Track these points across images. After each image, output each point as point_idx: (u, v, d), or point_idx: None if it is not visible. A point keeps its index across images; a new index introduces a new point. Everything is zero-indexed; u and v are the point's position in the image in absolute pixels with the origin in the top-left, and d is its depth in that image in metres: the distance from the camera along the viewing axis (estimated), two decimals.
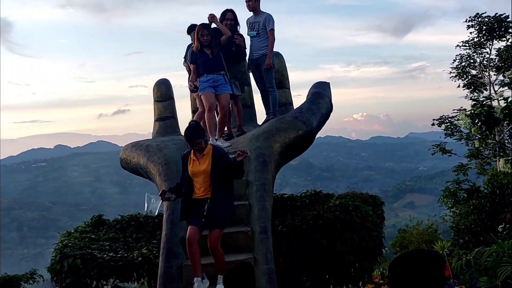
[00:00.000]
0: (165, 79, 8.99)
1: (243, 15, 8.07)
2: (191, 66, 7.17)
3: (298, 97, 9.40)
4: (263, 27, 7.74)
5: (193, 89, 7.17)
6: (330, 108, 7.75)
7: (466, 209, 12.70)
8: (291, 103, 8.93)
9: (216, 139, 6.99)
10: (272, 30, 7.70)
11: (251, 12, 7.90)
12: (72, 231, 7.66)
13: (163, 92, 8.74)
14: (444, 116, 18.52)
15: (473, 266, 5.99)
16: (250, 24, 7.89)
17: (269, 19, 7.75)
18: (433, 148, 18.58)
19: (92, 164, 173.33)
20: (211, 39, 6.99)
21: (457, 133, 17.91)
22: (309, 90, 8.02)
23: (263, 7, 7.92)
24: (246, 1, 7.84)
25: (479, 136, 11.87)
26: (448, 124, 18.19)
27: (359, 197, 8.82)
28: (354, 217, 6.97)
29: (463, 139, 17.96)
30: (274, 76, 7.96)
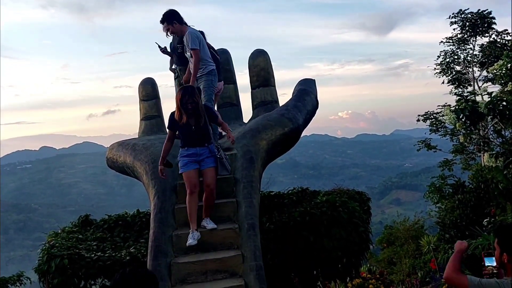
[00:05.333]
0: (150, 78, 8.97)
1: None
2: (167, 131, 6.04)
3: (283, 96, 9.42)
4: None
5: (162, 176, 5.97)
6: (316, 105, 7.80)
7: (451, 204, 12.86)
8: (276, 101, 8.96)
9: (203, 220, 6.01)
10: (194, 49, 6.68)
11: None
12: (59, 231, 7.61)
13: (149, 91, 8.72)
14: (429, 112, 18.72)
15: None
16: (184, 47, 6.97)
17: (189, 37, 6.73)
18: (418, 144, 18.78)
19: (78, 165, 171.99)
20: (197, 106, 5.74)
21: (442, 129, 18.12)
22: (295, 87, 8.05)
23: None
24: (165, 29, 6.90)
25: (464, 131, 12.01)
26: (433, 120, 18.40)
27: (346, 193, 8.87)
28: (341, 213, 7.04)
29: (447, 135, 18.18)
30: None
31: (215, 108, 8.12)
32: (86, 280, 6.49)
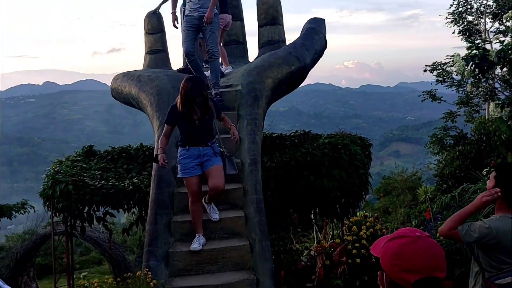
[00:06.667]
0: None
1: None
2: (165, 126, 5.23)
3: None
4: None
5: (164, 165, 5.11)
6: (324, 45, 7.69)
7: (451, 155, 12.95)
8: (284, 41, 8.82)
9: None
10: None
11: None
12: (64, 159, 7.70)
13: (154, 24, 8.57)
14: (436, 63, 18.44)
15: (457, 202, 6.16)
16: None
17: None
18: (423, 95, 18.62)
19: (81, 102, 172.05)
20: (205, 99, 5.09)
21: (449, 80, 17.90)
22: (304, 26, 7.91)
23: None
24: None
25: (472, 80, 11.88)
26: (440, 71, 18.15)
27: (348, 137, 8.90)
28: (343, 155, 7.06)
29: (454, 86, 17.99)
30: (218, 39, 6.95)
31: (221, 44, 8.02)
32: (90, 206, 6.65)
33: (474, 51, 8.52)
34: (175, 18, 7.01)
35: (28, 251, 10.12)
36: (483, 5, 19.07)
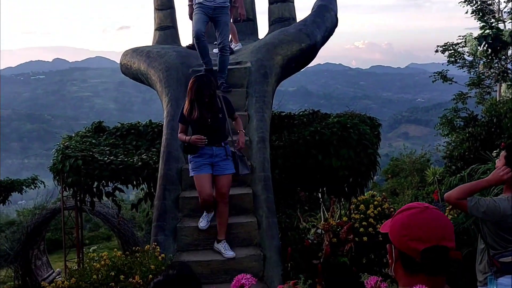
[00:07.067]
0: None
1: None
2: (179, 125, 5.17)
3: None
4: None
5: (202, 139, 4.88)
6: (335, 23, 7.60)
7: (461, 137, 12.86)
8: (294, 18, 8.72)
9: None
10: None
11: None
12: (73, 135, 7.75)
13: (164, 0, 8.49)
14: (448, 43, 18.17)
15: (466, 182, 6.12)
16: None
17: None
18: (434, 75, 18.41)
19: (91, 80, 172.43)
20: (214, 97, 4.96)
21: (460, 60, 17.66)
22: (315, 3, 7.80)
23: None
24: None
25: (484, 60, 11.72)
26: (452, 51, 17.90)
27: (358, 116, 8.85)
28: (352, 134, 7.04)
29: (465, 67, 17.76)
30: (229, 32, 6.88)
31: (231, 21, 7.94)
32: (99, 181, 6.70)
33: (487, 31, 8.39)
34: (192, 11, 6.70)
35: (39, 225, 10.26)
36: None
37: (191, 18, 6.80)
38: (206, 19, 6.50)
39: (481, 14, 18.66)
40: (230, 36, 7.44)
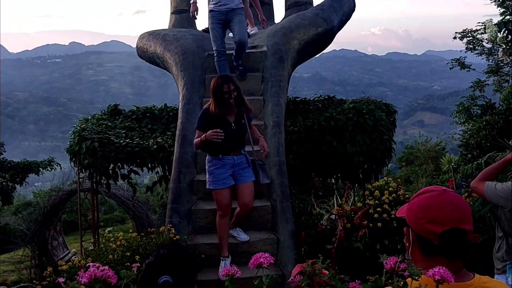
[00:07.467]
0: None
1: None
2: (196, 132, 4.72)
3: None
4: None
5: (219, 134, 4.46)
6: (353, 7, 7.51)
7: (478, 125, 12.71)
8: (311, 2, 8.63)
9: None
10: None
11: None
12: (89, 117, 7.81)
13: None
14: (467, 30, 17.84)
15: (483, 169, 6.07)
16: None
17: None
18: (451, 62, 18.12)
19: (106, 64, 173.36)
20: (240, 98, 4.65)
21: (479, 47, 17.34)
22: None
23: None
24: None
25: (504, 46, 11.50)
26: (471, 38, 17.58)
27: (373, 103, 8.79)
28: (367, 120, 6.99)
29: (484, 54, 17.45)
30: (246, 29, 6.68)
31: (247, 5, 7.89)
32: (115, 164, 6.77)
33: (508, 17, 8.23)
34: (195, 9, 6.52)
35: (55, 206, 10.41)
36: None
37: (194, 17, 6.63)
38: (222, 32, 6.29)
39: (500, 0, 18.27)
40: (247, 20, 7.39)
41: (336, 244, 4.81)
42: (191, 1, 6.57)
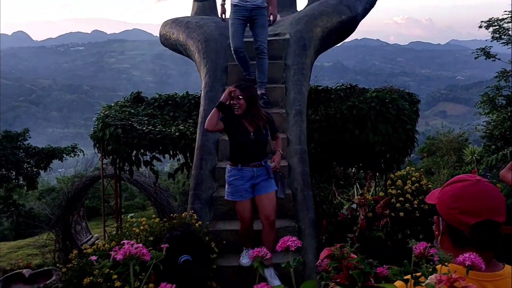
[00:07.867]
0: None
1: None
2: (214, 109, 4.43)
3: None
4: None
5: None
6: None
7: (503, 116, 12.50)
8: None
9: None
10: None
11: None
12: (113, 104, 7.90)
13: None
14: (493, 18, 17.44)
15: (509, 160, 5.97)
16: None
17: None
18: (476, 52, 17.77)
19: (128, 52, 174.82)
20: (249, 105, 4.31)
21: (505, 36, 16.94)
22: None
23: None
24: None
25: None
26: (497, 27, 17.18)
27: (397, 92, 8.68)
28: (390, 109, 6.92)
29: (510, 43, 17.06)
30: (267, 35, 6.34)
31: None
32: (138, 150, 6.84)
33: None
34: (223, 11, 6.27)
35: (79, 192, 10.60)
36: None
37: (222, 19, 6.35)
38: (242, 28, 6.08)
39: None
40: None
41: (357, 233, 4.80)
42: (220, 3, 6.38)
